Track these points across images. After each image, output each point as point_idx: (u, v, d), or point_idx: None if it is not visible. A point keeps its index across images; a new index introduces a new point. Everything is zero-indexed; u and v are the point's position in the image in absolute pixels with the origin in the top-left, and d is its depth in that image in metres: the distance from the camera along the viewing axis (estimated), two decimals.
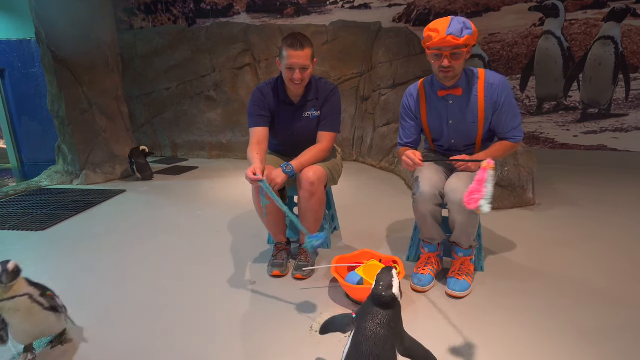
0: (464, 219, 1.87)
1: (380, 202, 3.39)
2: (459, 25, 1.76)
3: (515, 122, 1.97)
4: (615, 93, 4.48)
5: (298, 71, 2.02)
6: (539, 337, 1.63)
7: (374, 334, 1.27)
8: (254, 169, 1.83)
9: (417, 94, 2.08)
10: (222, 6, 5.59)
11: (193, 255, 2.47)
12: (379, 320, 1.29)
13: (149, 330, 1.73)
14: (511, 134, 1.98)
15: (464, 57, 1.83)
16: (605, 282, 2.04)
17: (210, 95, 5.29)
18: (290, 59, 2.00)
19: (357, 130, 4.97)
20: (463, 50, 1.80)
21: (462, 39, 1.76)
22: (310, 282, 2.10)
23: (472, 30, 1.78)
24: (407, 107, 2.12)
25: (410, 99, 2.11)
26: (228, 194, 3.75)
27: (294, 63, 2.00)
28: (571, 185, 3.77)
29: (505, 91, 1.92)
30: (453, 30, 1.75)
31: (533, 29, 4.60)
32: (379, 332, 1.27)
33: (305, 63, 2.02)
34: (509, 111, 1.94)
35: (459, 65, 1.85)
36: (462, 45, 1.78)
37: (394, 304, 1.33)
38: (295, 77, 2.02)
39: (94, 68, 4.14)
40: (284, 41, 2.03)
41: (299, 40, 2.01)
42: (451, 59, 1.81)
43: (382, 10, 5.07)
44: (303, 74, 2.04)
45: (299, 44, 2.00)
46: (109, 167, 4.27)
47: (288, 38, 2.03)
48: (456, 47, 1.78)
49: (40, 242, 2.71)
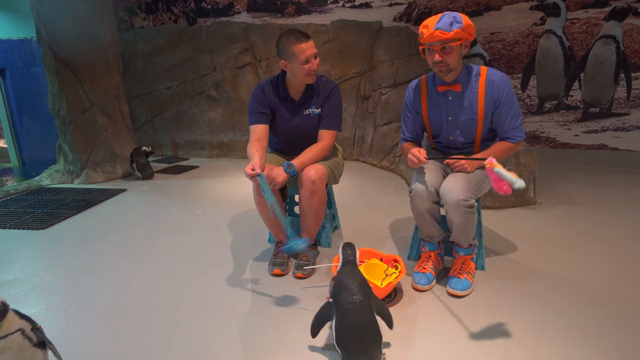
0: (461, 219, 1.86)
1: (381, 201, 3.39)
2: (448, 20, 1.78)
3: (516, 122, 1.96)
4: (617, 92, 4.47)
5: (313, 61, 2.04)
6: (540, 337, 1.63)
7: (352, 304, 1.41)
8: (253, 165, 1.84)
9: (419, 89, 2.08)
10: (223, 5, 5.59)
11: (194, 254, 2.47)
12: (353, 290, 1.45)
13: (149, 329, 1.73)
14: (512, 134, 1.97)
15: (456, 52, 1.83)
16: (606, 282, 2.04)
17: (211, 94, 5.29)
18: (304, 52, 2.01)
19: (357, 130, 4.97)
20: (453, 45, 1.80)
21: (450, 33, 1.77)
22: (311, 281, 2.10)
23: (463, 24, 1.78)
24: (409, 101, 2.12)
25: (412, 93, 2.11)
26: (229, 193, 3.75)
27: (310, 54, 2.02)
28: (572, 184, 3.76)
29: (506, 89, 1.92)
30: (441, 25, 1.77)
31: (534, 28, 4.60)
32: (356, 300, 1.42)
33: (316, 51, 2.06)
34: (510, 109, 1.93)
35: (451, 60, 1.84)
36: (451, 39, 1.78)
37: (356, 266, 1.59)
38: (313, 67, 2.05)
39: (95, 67, 4.14)
40: (287, 40, 2.02)
41: (301, 32, 2.04)
42: (442, 54, 1.82)
43: (383, 9, 5.06)
44: (316, 62, 2.07)
45: (304, 36, 2.03)
46: (110, 166, 4.27)
47: (289, 36, 2.03)
48: (445, 41, 1.79)
49: (41, 241, 2.71)
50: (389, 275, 1.92)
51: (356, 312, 1.40)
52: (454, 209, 1.83)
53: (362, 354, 1.37)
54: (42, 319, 1.81)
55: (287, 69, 2.09)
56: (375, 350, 1.40)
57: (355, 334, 1.38)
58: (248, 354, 1.57)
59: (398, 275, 1.90)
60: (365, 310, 1.42)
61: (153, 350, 1.60)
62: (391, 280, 1.87)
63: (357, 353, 1.37)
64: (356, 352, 1.37)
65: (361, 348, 1.38)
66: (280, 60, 2.08)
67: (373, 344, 1.39)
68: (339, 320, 1.42)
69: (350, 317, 1.40)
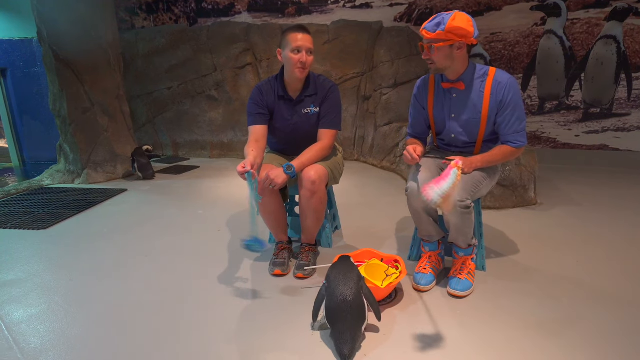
0: (458, 219, 1.86)
1: (382, 201, 3.39)
2: (435, 20, 1.82)
3: (519, 126, 1.94)
4: (617, 92, 4.47)
5: (305, 53, 2.04)
6: (540, 338, 1.62)
7: (341, 284, 1.59)
8: (244, 163, 1.87)
9: (427, 84, 2.10)
10: (224, 5, 5.60)
11: (194, 254, 2.47)
12: (344, 272, 1.63)
13: (150, 329, 1.74)
14: (513, 137, 1.95)
15: (442, 52, 1.85)
16: (607, 282, 2.04)
17: (212, 94, 5.30)
18: (297, 41, 2.03)
19: (358, 130, 4.97)
20: (435, 46, 1.83)
21: (433, 34, 1.82)
22: (312, 282, 2.10)
23: (446, 27, 1.77)
24: (417, 96, 2.14)
25: (420, 89, 2.13)
26: (229, 193, 3.75)
27: (301, 45, 2.03)
28: (573, 185, 3.76)
29: (512, 91, 1.91)
30: (428, 25, 1.85)
31: (535, 28, 4.60)
32: (345, 281, 1.59)
33: (310, 46, 2.07)
34: (514, 112, 1.92)
35: (437, 59, 1.87)
36: (433, 40, 1.83)
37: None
38: (302, 59, 2.04)
39: (96, 67, 4.15)
40: (287, 29, 2.08)
41: (302, 26, 2.08)
42: (429, 52, 1.88)
43: (384, 9, 5.06)
44: (308, 58, 2.07)
45: (303, 29, 2.06)
46: (111, 167, 4.27)
47: (291, 27, 2.09)
48: (429, 41, 1.85)
49: (42, 241, 2.72)
50: (390, 276, 1.92)
51: (343, 291, 1.56)
52: (445, 203, 1.83)
53: (345, 331, 1.53)
54: (43, 319, 1.82)
55: (280, 58, 2.12)
56: (358, 328, 1.56)
57: (342, 310, 1.54)
58: (248, 354, 1.57)
59: (399, 276, 1.90)
60: (353, 291, 1.58)
61: (154, 350, 1.60)
62: (392, 280, 1.87)
63: (342, 327, 1.53)
64: (342, 327, 1.53)
65: (345, 327, 1.53)
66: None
67: (357, 322, 1.55)
68: (329, 298, 1.59)
69: (337, 294, 1.56)
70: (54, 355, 1.58)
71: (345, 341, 1.51)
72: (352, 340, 1.52)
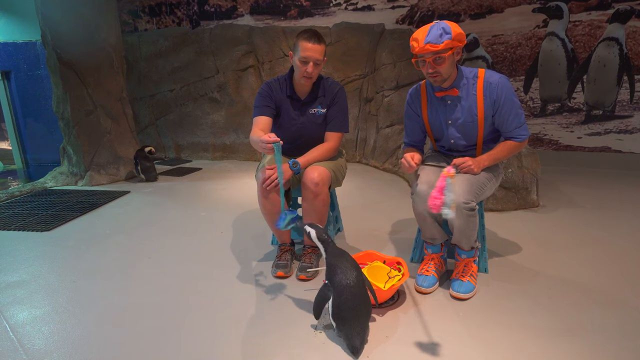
0: (462, 221, 1.86)
1: (384, 203, 3.39)
2: (437, 32, 1.78)
3: (518, 121, 1.95)
4: (620, 94, 4.47)
5: (311, 64, 2.05)
6: (542, 340, 1.62)
7: (347, 280, 1.58)
8: (268, 135, 1.80)
9: (419, 93, 2.10)
10: (226, 8, 5.62)
11: (197, 256, 2.48)
12: (345, 268, 1.62)
13: (152, 331, 1.74)
14: (515, 133, 1.96)
15: (449, 61, 1.84)
16: (609, 285, 2.04)
17: (214, 96, 5.32)
18: (305, 51, 2.03)
19: (360, 132, 4.97)
20: (444, 55, 1.81)
21: (441, 45, 1.78)
22: (314, 283, 2.10)
23: (452, 34, 1.78)
24: (410, 106, 2.14)
25: (412, 98, 2.12)
26: (232, 195, 3.76)
27: (309, 56, 2.04)
28: (575, 187, 3.76)
29: (505, 89, 1.91)
30: (431, 38, 1.78)
31: (537, 31, 4.60)
32: (350, 276, 1.59)
33: (319, 58, 2.07)
34: (510, 110, 1.93)
35: (444, 69, 1.86)
36: (442, 50, 1.80)
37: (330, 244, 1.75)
38: (308, 70, 2.05)
39: (99, 70, 4.17)
40: (300, 35, 2.08)
41: (315, 34, 2.06)
42: (435, 64, 1.84)
43: (386, 12, 5.07)
44: (315, 69, 2.07)
45: (315, 38, 2.05)
46: (114, 168, 4.29)
47: (305, 32, 2.08)
48: (436, 53, 1.80)
49: (46, 242, 2.73)
50: (392, 278, 1.92)
51: (352, 287, 1.58)
52: (455, 211, 1.84)
53: (357, 323, 1.56)
54: (47, 320, 1.83)
55: (291, 60, 2.14)
56: (367, 321, 1.62)
57: (352, 306, 1.56)
58: (250, 355, 1.57)
59: (401, 278, 1.90)
60: (360, 285, 1.60)
61: (157, 352, 1.61)
62: (394, 282, 1.87)
63: (353, 322, 1.55)
64: (353, 322, 1.55)
65: (357, 319, 1.56)
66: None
67: (366, 315, 1.60)
68: (337, 297, 1.58)
69: (347, 292, 1.57)
70: (59, 356, 1.59)
71: (358, 333, 1.55)
72: (362, 332, 1.57)
